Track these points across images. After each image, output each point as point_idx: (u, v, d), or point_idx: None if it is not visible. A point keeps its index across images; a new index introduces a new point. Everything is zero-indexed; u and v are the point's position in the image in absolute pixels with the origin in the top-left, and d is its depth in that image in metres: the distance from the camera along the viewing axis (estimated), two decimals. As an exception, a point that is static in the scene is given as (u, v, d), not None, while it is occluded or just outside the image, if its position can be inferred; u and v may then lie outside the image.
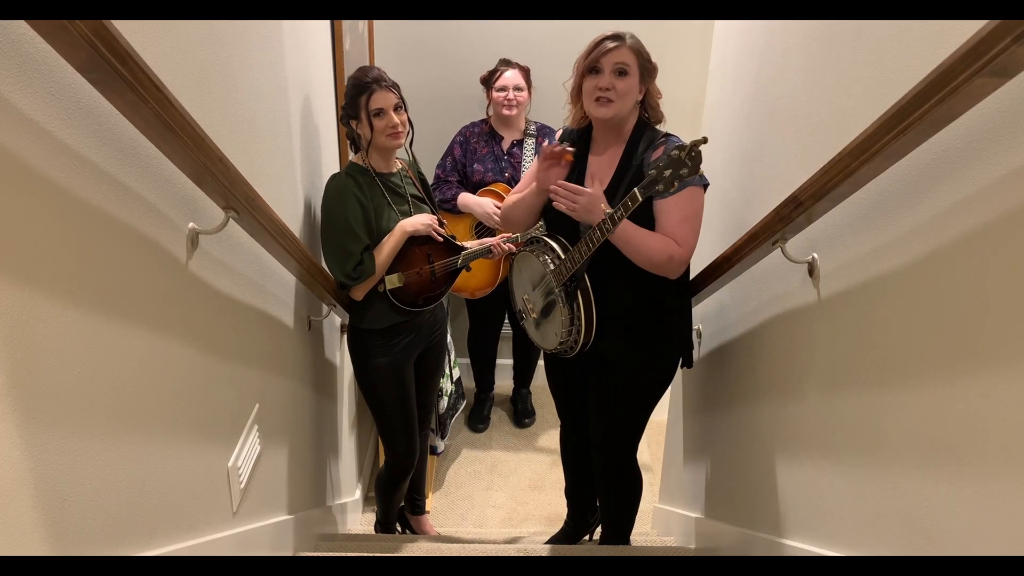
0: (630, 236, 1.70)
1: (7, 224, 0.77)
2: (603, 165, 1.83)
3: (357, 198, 1.99)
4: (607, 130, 1.81)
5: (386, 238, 2.06)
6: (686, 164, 1.49)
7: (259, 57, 1.62)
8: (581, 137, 1.88)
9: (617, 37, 1.71)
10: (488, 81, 2.93)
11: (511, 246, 2.26)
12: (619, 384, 1.95)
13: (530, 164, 2.95)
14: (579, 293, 1.75)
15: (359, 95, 1.94)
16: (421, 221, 2.09)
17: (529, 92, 2.92)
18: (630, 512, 2.26)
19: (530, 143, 2.97)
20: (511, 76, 2.87)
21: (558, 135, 1.94)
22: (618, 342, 1.85)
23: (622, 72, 1.71)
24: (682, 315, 1.93)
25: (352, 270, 2.01)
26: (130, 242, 1.05)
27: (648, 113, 1.81)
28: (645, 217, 1.74)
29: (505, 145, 2.99)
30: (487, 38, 3.13)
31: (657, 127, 1.81)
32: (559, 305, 1.79)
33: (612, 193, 1.77)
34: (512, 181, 2.96)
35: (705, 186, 1.76)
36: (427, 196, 2.26)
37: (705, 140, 1.47)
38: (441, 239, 2.15)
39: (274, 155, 1.77)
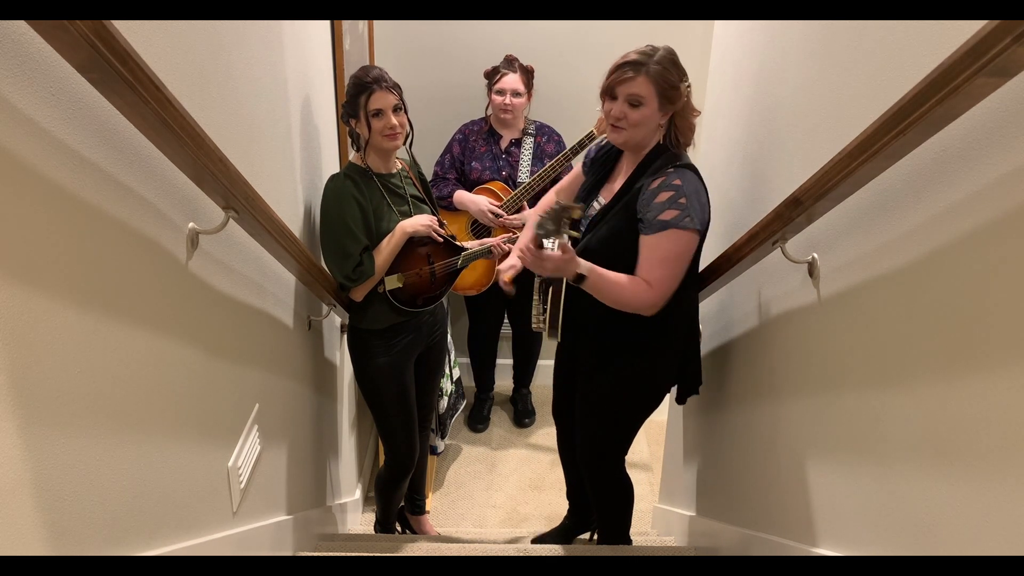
0: (597, 282, 1.64)
1: (7, 224, 0.77)
2: (617, 183, 1.83)
3: (356, 199, 1.99)
4: (627, 150, 1.80)
5: (386, 239, 2.06)
6: (552, 220, 1.46)
7: (259, 57, 1.62)
8: (612, 149, 1.88)
9: (637, 65, 1.62)
10: (490, 79, 2.92)
11: (511, 247, 2.25)
12: (598, 392, 1.95)
13: (528, 163, 2.95)
14: (550, 289, 1.71)
15: (359, 94, 1.94)
16: (421, 222, 2.09)
17: (529, 95, 2.92)
18: (621, 517, 2.25)
19: (528, 142, 2.97)
20: (511, 81, 2.86)
21: (598, 141, 1.91)
22: (589, 349, 1.89)
23: (635, 104, 1.65)
24: (667, 342, 1.86)
25: (352, 271, 2.01)
26: (130, 242, 1.05)
27: (672, 136, 1.72)
28: (632, 250, 1.69)
29: (503, 144, 2.99)
30: (487, 38, 3.13)
31: (681, 152, 1.73)
32: (537, 292, 1.80)
33: (607, 211, 1.77)
34: (509, 180, 2.96)
35: (697, 231, 1.65)
36: (427, 196, 2.26)
37: (583, 207, 1.43)
38: (441, 240, 2.15)
39: (274, 155, 1.77)
